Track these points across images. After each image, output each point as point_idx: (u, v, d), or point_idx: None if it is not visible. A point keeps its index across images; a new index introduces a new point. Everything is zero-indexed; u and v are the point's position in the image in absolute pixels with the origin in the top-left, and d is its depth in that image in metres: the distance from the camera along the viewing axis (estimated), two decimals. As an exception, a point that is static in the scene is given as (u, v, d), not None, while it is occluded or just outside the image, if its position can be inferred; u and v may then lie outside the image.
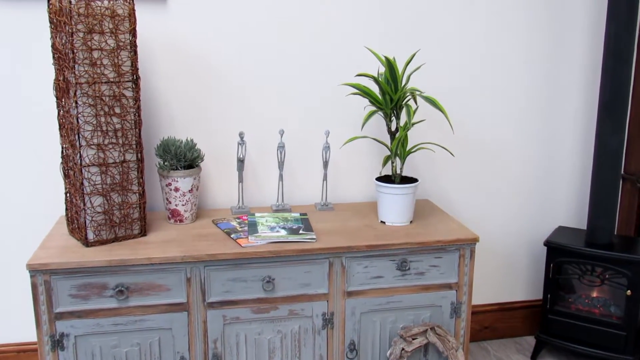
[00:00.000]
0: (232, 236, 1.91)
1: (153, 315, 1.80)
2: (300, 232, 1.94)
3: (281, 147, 2.18)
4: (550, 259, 2.38)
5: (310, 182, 2.30)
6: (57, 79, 1.79)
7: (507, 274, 2.57)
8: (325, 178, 2.23)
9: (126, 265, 1.74)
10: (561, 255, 2.34)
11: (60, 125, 1.84)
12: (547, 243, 2.37)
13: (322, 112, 2.25)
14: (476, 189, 2.45)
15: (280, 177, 2.21)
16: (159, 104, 2.14)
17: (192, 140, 2.04)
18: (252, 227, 1.97)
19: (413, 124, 1.98)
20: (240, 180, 2.18)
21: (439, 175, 2.41)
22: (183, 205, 2.01)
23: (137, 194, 1.87)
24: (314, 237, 1.89)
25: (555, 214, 2.55)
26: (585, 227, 2.52)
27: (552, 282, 2.38)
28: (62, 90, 1.77)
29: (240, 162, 2.16)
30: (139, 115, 1.84)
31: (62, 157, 1.87)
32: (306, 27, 2.17)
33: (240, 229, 1.97)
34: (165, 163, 1.98)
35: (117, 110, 1.79)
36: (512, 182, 2.48)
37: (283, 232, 1.93)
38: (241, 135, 2.14)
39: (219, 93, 2.17)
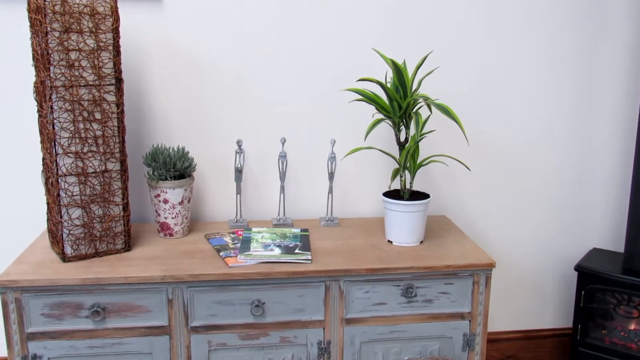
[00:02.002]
0: (221, 254, 1.75)
1: (132, 339, 1.66)
2: (296, 251, 1.77)
3: (283, 156, 2.02)
4: (581, 285, 2.13)
5: (316, 194, 2.13)
6: (36, 82, 1.68)
7: (534, 298, 2.33)
8: (330, 191, 2.05)
9: (102, 284, 1.61)
10: (594, 281, 2.10)
11: (40, 131, 1.72)
12: (578, 268, 2.13)
13: (329, 119, 2.08)
14: (500, 205, 2.23)
15: (282, 188, 2.04)
16: (153, 109, 2.00)
17: (183, 149, 1.89)
18: (245, 244, 1.81)
19: (423, 135, 1.78)
20: (238, 191, 2.03)
21: (459, 189, 2.20)
22: (173, 218, 1.87)
23: (120, 206, 1.74)
24: (309, 257, 1.72)
25: (589, 235, 2.30)
26: (622, 250, 2.26)
27: (584, 310, 2.14)
28: (41, 94, 1.65)
29: (238, 172, 2.00)
30: (123, 122, 1.70)
31: (43, 165, 1.75)
32: (311, 28, 2.00)
33: (232, 246, 1.81)
34: (154, 173, 1.84)
35: (98, 115, 1.66)
36: (540, 198, 2.24)
37: (277, 251, 1.76)
38: (239, 143, 1.98)
39: (218, 98, 2.02)
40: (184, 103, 2.01)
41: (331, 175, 2.04)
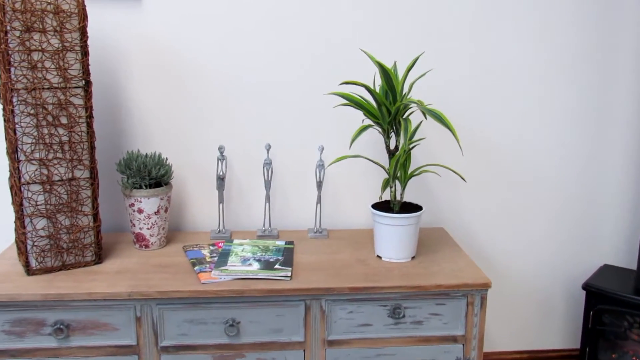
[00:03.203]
0: (195, 268, 1.64)
1: (98, 358, 1.55)
2: (276, 266, 1.65)
3: (268, 163, 1.90)
4: (589, 305, 1.98)
5: (305, 204, 2.01)
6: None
7: (539, 317, 2.17)
8: (319, 201, 1.93)
9: (65, 300, 1.50)
10: (603, 301, 1.94)
11: (5, 136, 1.62)
12: (587, 286, 1.97)
13: (318, 124, 1.95)
14: (503, 217, 2.08)
15: (267, 198, 1.92)
16: (132, 112, 1.90)
17: (160, 155, 1.79)
18: (223, 258, 1.70)
19: (412, 143, 1.65)
20: (221, 200, 1.91)
21: (458, 200, 2.06)
22: (148, 228, 1.76)
23: (89, 217, 1.64)
24: (289, 274, 1.60)
25: (599, 250, 2.14)
26: (635, 268, 2.10)
27: (592, 332, 1.98)
28: (2, 97, 1.55)
29: (221, 180, 1.89)
30: (92, 127, 1.60)
31: (10, 172, 1.66)
32: (299, 27, 1.88)
33: (208, 260, 1.70)
34: (128, 181, 1.74)
35: (64, 120, 1.56)
36: (546, 210, 2.09)
37: (255, 266, 1.64)
38: (221, 149, 1.87)
39: (200, 101, 1.91)
40: (165, 106, 1.91)
41: (319, 184, 1.92)
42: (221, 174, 1.89)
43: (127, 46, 1.85)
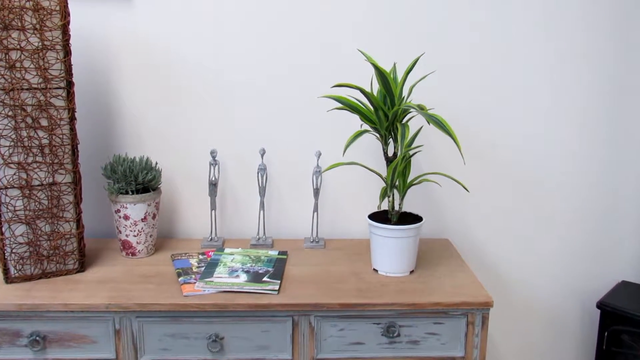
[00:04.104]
0: (180, 279, 1.56)
1: (75, 372, 1.48)
2: (264, 279, 1.56)
3: (262, 169, 1.81)
4: (604, 325, 1.85)
5: (303, 211, 1.92)
6: (-20, 84, 1.52)
7: (551, 336, 2.05)
8: (315, 209, 1.84)
9: (40, 310, 1.44)
10: (619, 321, 1.81)
11: (-14, 138, 1.57)
12: (601, 305, 1.84)
13: (316, 128, 1.86)
14: (512, 229, 1.96)
15: (262, 205, 1.84)
16: (123, 114, 1.83)
17: (147, 159, 1.71)
18: (210, 269, 1.62)
19: (409, 150, 1.54)
20: (213, 207, 1.83)
21: (465, 209, 1.95)
22: (135, 236, 1.69)
23: (71, 223, 1.57)
24: (276, 287, 1.51)
25: (616, 265, 2.00)
26: (656, 285, 1.96)
27: (606, 355, 1.85)
28: (-18, 97, 1.49)
29: (213, 185, 1.81)
30: (74, 129, 1.53)
31: (-9, 175, 1.60)
32: (297, 27, 1.79)
33: (195, 270, 1.62)
34: (114, 186, 1.66)
35: (44, 122, 1.49)
36: (560, 221, 1.96)
37: (242, 278, 1.56)
38: (213, 154, 1.79)
39: (193, 104, 1.84)
40: (156, 108, 1.83)
41: (316, 192, 1.82)
42: (213, 179, 1.81)
43: (117, 45, 1.78)
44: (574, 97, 1.88)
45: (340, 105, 1.56)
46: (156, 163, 1.75)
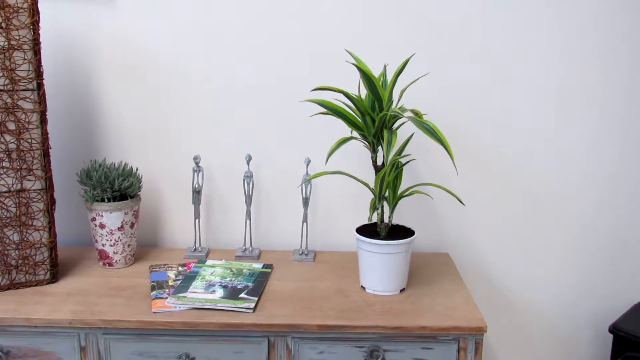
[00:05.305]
0: (152, 293, 1.47)
1: (40, 390, 1.40)
2: (241, 295, 1.46)
3: (248, 176, 1.71)
4: (617, 351, 1.69)
5: (294, 221, 1.81)
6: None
7: (558, 358, 1.89)
8: (305, 219, 1.73)
9: (3, 325, 1.36)
10: (634, 348, 1.65)
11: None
12: (614, 329, 1.69)
13: (306, 134, 1.75)
14: (518, 243, 1.82)
15: (248, 214, 1.74)
16: (105, 117, 1.75)
17: (125, 165, 1.63)
18: (186, 282, 1.52)
19: (399, 160, 1.42)
20: (197, 216, 1.74)
21: (467, 222, 1.81)
22: (112, 245, 1.61)
23: (41, 231, 1.49)
24: (252, 305, 1.40)
25: (632, 285, 1.84)
26: (677, 308, 1.79)
27: (620, 383, 1.70)
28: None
29: (197, 193, 1.72)
30: (45, 133, 1.46)
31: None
32: (286, 28, 1.69)
33: (171, 283, 1.53)
34: (89, 193, 1.58)
35: (11, 126, 1.42)
36: (571, 236, 1.81)
37: (219, 293, 1.46)
38: (196, 160, 1.70)
39: (177, 108, 1.75)
40: (140, 112, 1.75)
41: (306, 201, 1.72)
42: (197, 186, 1.71)
43: (98, 46, 1.70)
44: (586, 101, 1.73)
45: (324, 110, 1.45)
46: (137, 169, 1.67)
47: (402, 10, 1.67)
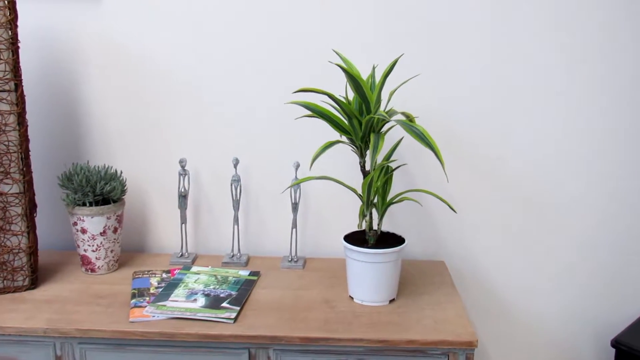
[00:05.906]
0: (132, 301, 1.42)
1: (14, 400, 1.36)
2: (223, 304, 1.40)
3: (236, 180, 1.66)
4: (619, 366, 1.62)
5: (284, 227, 1.75)
6: None
7: (561, 374, 1.82)
8: (294, 225, 1.67)
9: (-25, 332, 1.32)
10: (637, 363, 1.58)
11: None
12: (616, 343, 1.61)
13: (297, 137, 1.70)
14: (518, 251, 1.75)
15: (236, 219, 1.69)
16: (90, 119, 1.71)
17: (109, 168, 1.58)
18: (167, 290, 1.47)
19: (388, 165, 1.36)
20: (184, 221, 1.69)
21: (463, 228, 1.75)
22: (94, 251, 1.56)
23: (19, 237, 1.45)
24: (232, 315, 1.35)
25: (637, 298, 1.76)
26: (684, 322, 1.71)
27: (623, 400, 1.62)
28: None
29: (183, 197, 1.67)
30: (25, 136, 1.42)
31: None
32: (274, 29, 1.64)
33: (152, 291, 1.48)
34: (70, 197, 1.54)
35: (-13, 128, 1.38)
36: (571, 243, 1.74)
37: (200, 302, 1.41)
38: (182, 163, 1.65)
39: (164, 110, 1.70)
40: (125, 114, 1.71)
41: (295, 206, 1.66)
42: (183, 190, 1.67)
43: (83, 47, 1.66)
44: (591, 103, 1.66)
45: (309, 112, 1.39)
46: (121, 172, 1.63)
47: (398, 10, 1.61)
